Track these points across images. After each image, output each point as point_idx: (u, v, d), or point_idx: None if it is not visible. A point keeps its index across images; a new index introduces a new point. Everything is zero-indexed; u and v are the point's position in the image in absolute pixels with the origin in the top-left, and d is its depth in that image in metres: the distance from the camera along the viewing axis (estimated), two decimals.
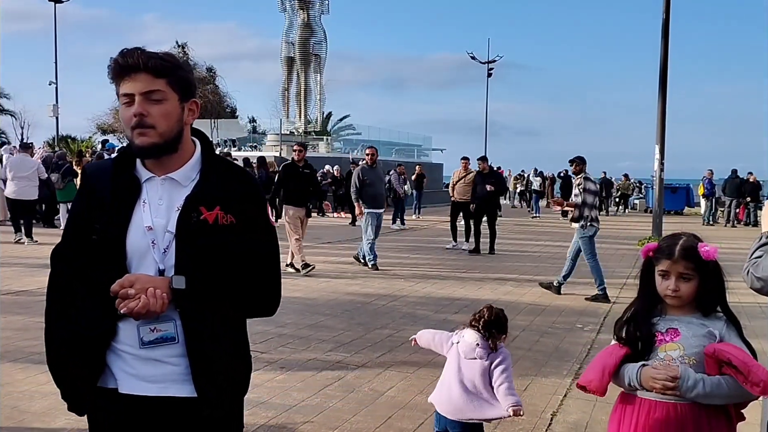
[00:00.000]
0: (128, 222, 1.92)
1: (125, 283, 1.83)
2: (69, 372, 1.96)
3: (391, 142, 38.78)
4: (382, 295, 8.82)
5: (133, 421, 1.95)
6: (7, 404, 4.37)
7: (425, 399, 4.83)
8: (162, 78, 1.91)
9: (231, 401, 2.04)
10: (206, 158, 2.03)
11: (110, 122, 44.91)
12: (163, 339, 1.90)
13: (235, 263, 1.95)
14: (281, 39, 40.30)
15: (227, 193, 1.98)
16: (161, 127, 1.91)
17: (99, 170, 2.06)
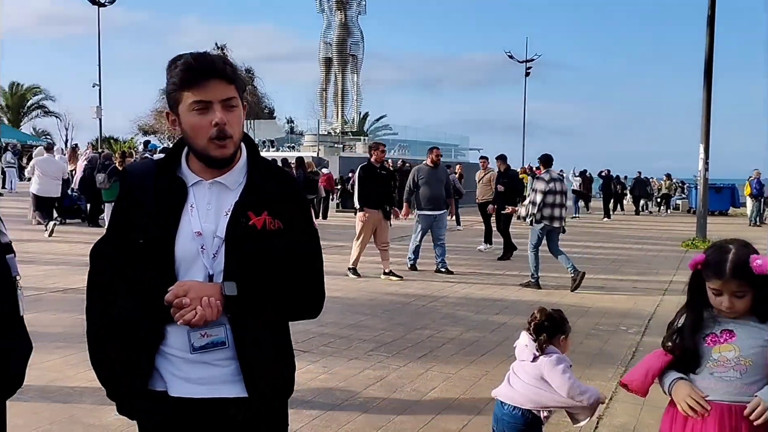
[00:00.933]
0: (176, 226, 1.91)
1: (179, 292, 1.82)
2: (115, 373, 1.96)
3: (427, 142, 38.57)
4: (421, 296, 8.80)
5: (181, 423, 1.96)
6: (58, 399, 4.46)
7: (469, 400, 4.83)
8: (232, 84, 1.89)
9: (278, 401, 2.04)
10: (252, 161, 2.02)
11: (151, 123, 45.79)
12: (214, 344, 1.90)
13: (280, 267, 1.95)
14: (319, 40, 40.50)
15: (274, 198, 1.96)
16: (236, 135, 1.90)
17: (141, 171, 2.04)
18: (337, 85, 40.90)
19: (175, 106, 1.92)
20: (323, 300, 2.09)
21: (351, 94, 41.53)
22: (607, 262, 12.91)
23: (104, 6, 32.00)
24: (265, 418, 2.00)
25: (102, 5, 31.98)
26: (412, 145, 37.43)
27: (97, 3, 31.93)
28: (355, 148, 35.85)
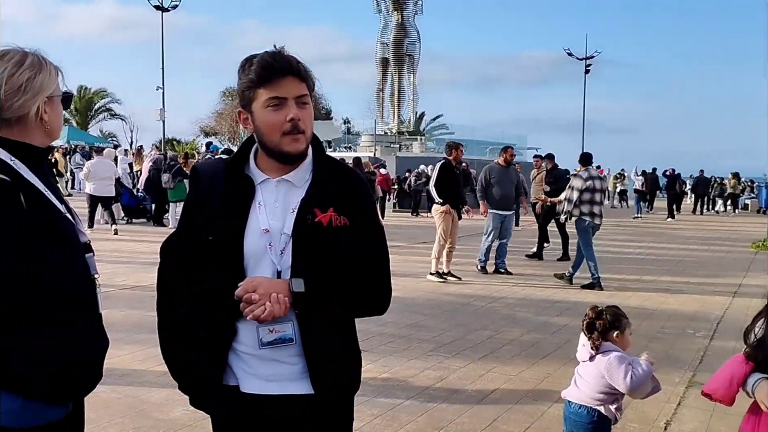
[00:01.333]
0: (244, 224, 1.94)
1: (248, 288, 1.85)
2: (188, 367, 2.01)
3: (484, 141, 38.42)
4: (480, 296, 8.73)
5: (252, 418, 2.00)
6: (128, 394, 4.61)
7: (531, 402, 4.77)
8: (304, 82, 1.93)
9: (344, 398, 2.06)
10: (318, 159, 2.04)
11: (212, 125, 46.79)
12: (282, 340, 1.92)
13: (346, 263, 1.97)
14: (376, 40, 40.73)
15: (339, 194, 1.98)
16: (308, 131, 1.94)
17: (210, 170, 2.07)
18: (394, 85, 41.04)
19: (248, 104, 1.94)
20: (390, 296, 2.10)
21: (407, 94, 41.62)
22: (671, 263, 12.56)
23: (167, 11, 32.86)
24: (332, 415, 2.02)
25: (165, 10, 32.84)
26: (468, 145, 37.15)
27: (161, 8, 32.82)
28: (412, 148, 35.87)
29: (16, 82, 1.85)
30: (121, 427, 4.07)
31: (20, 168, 1.85)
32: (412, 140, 38.15)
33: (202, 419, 4.17)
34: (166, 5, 32.63)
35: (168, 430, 4.07)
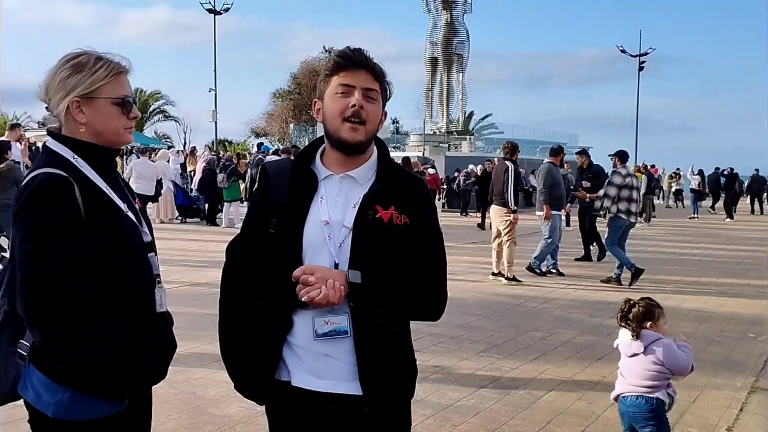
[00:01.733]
0: (305, 216, 2.00)
1: (306, 270, 1.90)
2: (244, 363, 2.05)
3: (535, 141, 37.90)
4: (531, 297, 8.64)
5: (304, 414, 2.02)
6: (185, 390, 4.70)
7: (585, 405, 4.70)
8: (378, 82, 2.02)
9: (397, 401, 2.05)
10: (382, 161, 2.09)
11: (263, 126, 47.42)
12: (336, 332, 1.94)
13: (405, 263, 1.98)
14: (425, 40, 40.64)
15: (402, 195, 2.02)
16: (369, 125, 1.99)
17: (278, 168, 2.13)
18: (443, 85, 40.86)
19: (322, 94, 2.03)
20: (445, 302, 2.09)
21: (456, 93, 41.38)
22: (730, 264, 12.20)
23: (220, 14, 33.47)
24: (384, 418, 2.01)
25: (218, 13, 33.46)
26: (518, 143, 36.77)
27: (214, 11, 33.43)
28: (461, 148, 35.67)
29: (54, 80, 1.94)
30: (178, 423, 4.16)
31: (81, 166, 1.93)
32: (461, 140, 37.90)
33: (257, 416, 4.24)
34: (219, 8, 33.17)
35: (224, 426, 4.14)
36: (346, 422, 2.00)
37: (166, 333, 2.08)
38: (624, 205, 9.51)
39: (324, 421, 2.01)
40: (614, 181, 9.61)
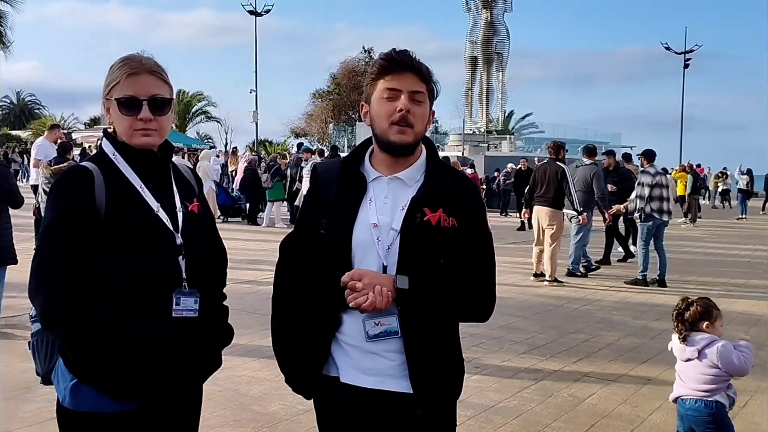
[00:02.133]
0: (354, 218, 2.01)
1: (354, 276, 1.90)
2: (294, 357, 2.09)
3: (576, 140, 37.38)
4: (574, 299, 8.53)
5: (353, 410, 2.04)
6: (228, 387, 4.76)
7: (630, 409, 4.62)
8: (425, 83, 2.01)
9: (445, 402, 2.05)
10: (431, 162, 2.08)
11: (302, 126, 47.75)
12: (387, 333, 1.96)
13: (452, 265, 1.98)
14: (465, 39, 40.43)
15: (450, 196, 2.01)
16: (417, 127, 1.99)
17: (328, 169, 2.15)
18: (482, 84, 40.61)
19: (369, 97, 2.04)
20: (493, 303, 2.09)
21: (496, 92, 41.08)
22: None
23: (261, 15, 33.82)
24: (431, 417, 2.01)
25: (259, 15, 33.83)
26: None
27: (255, 13, 33.80)
28: (501, 147, 35.39)
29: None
30: (222, 419, 4.21)
31: (119, 162, 1.99)
32: (501, 139, 37.63)
33: (299, 414, 4.27)
34: (260, 10, 33.52)
35: (266, 423, 4.18)
36: (394, 421, 2.01)
37: (185, 338, 2.01)
38: (656, 204, 9.40)
39: (372, 418, 2.03)
40: (644, 181, 9.49)
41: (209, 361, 2.12)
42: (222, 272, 2.26)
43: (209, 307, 2.09)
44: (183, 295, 1.99)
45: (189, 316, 2.00)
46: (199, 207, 2.12)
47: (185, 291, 1.99)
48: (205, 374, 2.13)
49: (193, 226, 2.06)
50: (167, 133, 2.07)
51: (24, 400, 4.42)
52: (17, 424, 4.02)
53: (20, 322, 6.42)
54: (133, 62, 1.99)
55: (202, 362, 2.08)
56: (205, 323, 2.06)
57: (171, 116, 2.05)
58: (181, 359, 1.99)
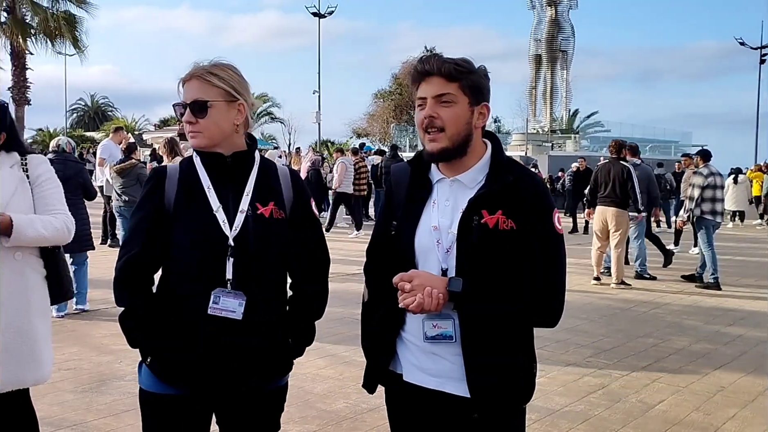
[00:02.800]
0: (418, 220, 2.01)
1: (405, 277, 1.91)
2: (367, 352, 2.15)
3: (644, 139, 36.42)
4: (642, 302, 8.30)
5: (416, 409, 2.06)
6: (294, 384, 4.75)
7: (702, 416, 4.47)
8: (454, 82, 1.93)
9: (507, 407, 2.00)
10: (495, 161, 2.02)
11: (364, 126, 48.07)
12: (443, 336, 1.96)
13: (512, 268, 1.93)
14: (529, 37, 39.92)
15: (511, 197, 1.95)
16: (450, 130, 1.94)
17: (400, 172, 2.16)
18: (546, 83, 40.01)
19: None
20: (560, 308, 2.00)
21: (560, 91, 40.42)
22: None
23: (324, 17, 34.20)
24: (494, 424, 1.98)
25: (322, 17, 34.21)
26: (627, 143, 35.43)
27: (318, 15, 34.20)
28: (565, 147, 34.77)
29: None
30: (288, 416, 4.22)
31: (197, 163, 2.16)
32: (566, 138, 36.98)
33: (363, 412, 4.30)
34: (323, 11, 33.89)
35: (331, 421, 4.22)
36: (454, 423, 2.00)
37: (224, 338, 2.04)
38: (708, 205, 9.18)
39: (434, 419, 2.03)
40: (696, 182, 9.35)
41: (264, 364, 2.13)
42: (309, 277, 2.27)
43: (264, 312, 2.11)
44: (224, 295, 2.03)
45: (229, 317, 2.03)
46: (274, 210, 2.14)
47: (227, 291, 2.03)
48: (262, 377, 2.14)
49: (256, 229, 2.09)
50: (216, 135, 2.10)
51: (99, 393, 4.59)
52: (92, 416, 4.17)
53: (95, 317, 6.67)
54: (189, 71, 2.12)
55: (249, 364, 2.09)
56: (255, 326, 2.08)
57: (217, 118, 2.08)
58: (218, 357, 2.05)
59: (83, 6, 26.28)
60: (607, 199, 9.28)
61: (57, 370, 5.04)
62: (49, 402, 4.38)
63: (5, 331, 2.59)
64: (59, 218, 2.72)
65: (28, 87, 26.26)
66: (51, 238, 2.69)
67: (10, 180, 2.68)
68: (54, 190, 2.80)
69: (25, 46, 25.57)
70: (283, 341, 2.19)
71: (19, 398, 2.74)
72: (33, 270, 2.73)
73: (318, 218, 2.38)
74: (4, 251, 2.59)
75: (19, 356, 2.63)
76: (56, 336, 5.99)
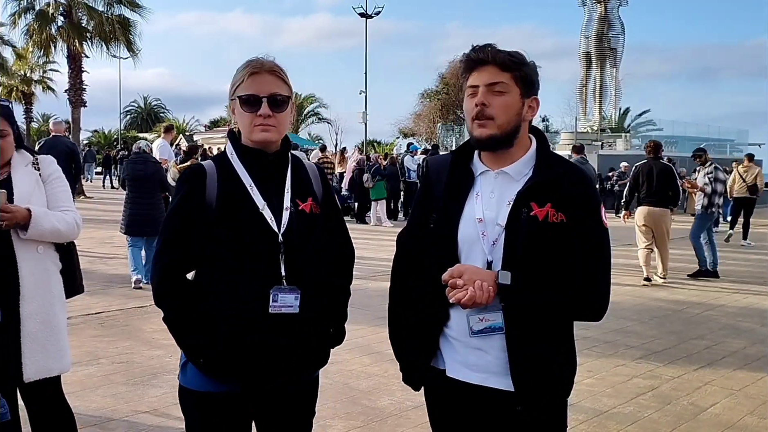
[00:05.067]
0: (461, 212, 2.01)
1: (455, 273, 1.90)
2: (405, 349, 2.14)
3: (698, 138, 35.49)
4: (695, 303, 8.09)
5: (458, 404, 2.05)
6: (339, 381, 4.86)
7: (757, 420, 4.34)
8: (507, 72, 1.94)
9: (550, 401, 2.01)
10: (541, 155, 2.02)
11: (410, 126, 48.04)
12: (491, 329, 1.95)
13: (561, 261, 1.93)
14: (580, 34, 39.29)
15: (559, 190, 1.94)
16: (500, 119, 1.94)
17: (439, 164, 2.16)
18: (596, 81, 39.33)
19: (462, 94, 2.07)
20: (606, 301, 2.01)
21: (609, 89, 39.67)
22: None
23: (371, 18, 34.33)
24: (537, 417, 1.98)
25: (369, 17, 34.35)
26: (679, 141, 34.59)
27: (365, 15, 34.36)
28: (615, 146, 34.13)
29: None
30: (333, 411, 4.30)
31: (234, 161, 2.11)
32: (616, 137, 36.24)
33: (407, 409, 4.30)
34: (370, 12, 34.05)
35: (375, 417, 4.24)
36: (497, 418, 2.00)
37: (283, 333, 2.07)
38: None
39: (478, 414, 2.03)
40: (720, 178, 10.18)
41: (311, 356, 2.17)
42: (337, 270, 2.29)
43: (314, 305, 2.13)
44: (281, 292, 2.05)
45: (288, 312, 2.06)
46: (312, 206, 2.16)
47: (284, 288, 2.05)
48: (307, 369, 2.18)
49: (300, 224, 2.11)
50: (285, 130, 2.13)
51: (150, 386, 4.70)
52: (144, 408, 4.28)
53: (147, 312, 6.83)
54: (256, 63, 2.09)
55: (302, 357, 2.13)
56: (308, 319, 2.11)
57: (289, 114, 2.12)
58: (278, 353, 2.07)
59: (137, 10, 26.94)
60: (653, 199, 9.24)
61: (110, 363, 5.19)
62: (102, 394, 4.50)
63: (32, 322, 2.72)
64: (69, 215, 2.85)
65: (84, 89, 27.03)
66: (65, 232, 2.81)
67: (28, 179, 2.82)
68: (64, 188, 2.94)
69: (81, 49, 26.31)
70: (325, 332, 2.23)
71: (50, 387, 2.84)
72: (53, 263, 2.86)
73: (341, 212, 2.42)
74: (28, 245, 2.72)
75: (46, 346, 2.75)
76: (110, 330, 6.18)
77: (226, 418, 2.11)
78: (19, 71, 38.10)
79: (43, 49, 26.73)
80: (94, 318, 6.59)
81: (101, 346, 5.67)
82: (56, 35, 26.28)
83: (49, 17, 26.04)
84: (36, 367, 2.73)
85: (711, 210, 10.11)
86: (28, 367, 2.70)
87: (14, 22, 26.65)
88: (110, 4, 26.60)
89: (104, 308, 6.95)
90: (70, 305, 3.08)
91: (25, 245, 2.71)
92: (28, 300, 2.71)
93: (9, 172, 2.79)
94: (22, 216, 2.64)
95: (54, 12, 25.97)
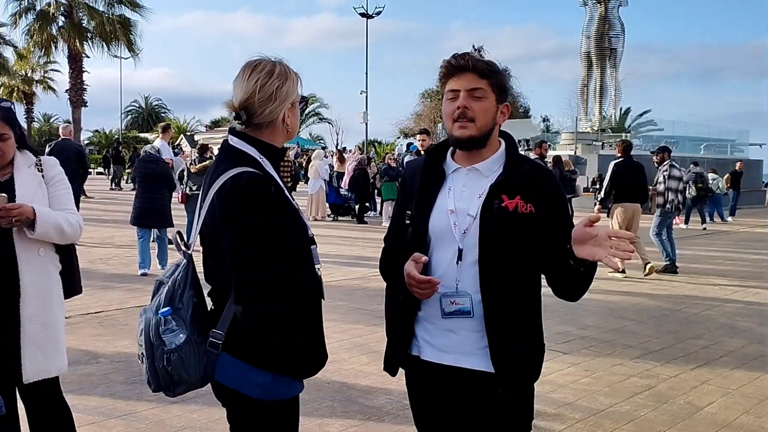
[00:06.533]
0: (432, 204, 2.17)
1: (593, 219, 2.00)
2: (389, 338, 2.29)
3: (698, 138, 35.51)
4: (693, 303, 8.11)
5: (434, 387, 2.19)
6: (336, 380, 4.88)
7: (753, 419, 4.36)
8: (485, 79, 2.11)
9: (522, 383, 2.14)
10: (510, 155, 2.19)
11: (411, 126, 48.06)
12: (461, 312, 2.10)
13: (531, 248, 2.09)
14: (581, 34, 39.28)
15: (527, 184, 2.11)
16: (480, 121, 2.10)
17: (414, 166, 2.35)
18: (596, 81, 39.33)
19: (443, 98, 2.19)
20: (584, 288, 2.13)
21: (610, 89, 39.66)
22: None
23: (372, 17, 34.35)
24: (508, 398, 2.10)
25: (370, 17, 34.37)
26: (680, 141, 34.59)
27: (366, 15, 34.38)
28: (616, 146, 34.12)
29: (267, 91, 2.05)
30: (331, 410, 4.33)
31: (266, 165, 2.08)
32: (616, 137, 36.24)
33: (405, 408, 4.29)
34: (371, 12, 34.07)
35: (373, 416, 4.26)
36: (473, 399, 2.13)
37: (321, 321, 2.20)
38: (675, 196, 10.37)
39: (454, 396, 2.16)
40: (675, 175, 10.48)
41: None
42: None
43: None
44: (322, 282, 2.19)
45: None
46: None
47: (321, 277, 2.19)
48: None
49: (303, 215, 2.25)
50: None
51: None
52: (142, 406, 4.29)
53: None
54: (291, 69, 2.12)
55: None
56: None
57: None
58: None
59: (138, 10, 26.99)
60: (637, 197, 9.87)
61: (109, 362, 5.22)
62: (101, 393, 4.53)
63: (32, 324, 2.73)
64: (73, 216, 2.86)
65: (85, 89, 27.08)
66: (68, 233, 2.82)
67: (30, 180, 2.83)
68: (66, 190, 2.95)
69: (82, 49, 26.37)
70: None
71: (48, 387, 2.86)
72: (53, 265, 2.88)
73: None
74: (29, 248, 2.74)
75: (45, 347, 2.77)
76: (110, 329, 6.20)
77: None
78: (20, 71, 38.19)
79: (44, 49, 26.80)
80: (94, 317, 6.61)
81: (100, 345, 5.69)
82: (57, 35, 26.34)
83: (50, 17, 26.10)
84: (35, 369, 2.75)
85: (667, 207, 10.40)
86: (27, 368, 2.72)
87: (15, 22, 26.73)
88: (111, 4, 26.67)
89: (103, 307, 6.98)
90: (69, 304, 3.10)
91: (26, 247, 2.73)
92: (29, 302, 2.73)
93: (12, 174, 2.81)
94: (29, 211, 2.65)
95: (55, 12, 26.03)
